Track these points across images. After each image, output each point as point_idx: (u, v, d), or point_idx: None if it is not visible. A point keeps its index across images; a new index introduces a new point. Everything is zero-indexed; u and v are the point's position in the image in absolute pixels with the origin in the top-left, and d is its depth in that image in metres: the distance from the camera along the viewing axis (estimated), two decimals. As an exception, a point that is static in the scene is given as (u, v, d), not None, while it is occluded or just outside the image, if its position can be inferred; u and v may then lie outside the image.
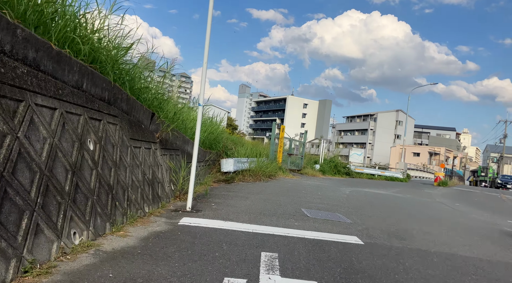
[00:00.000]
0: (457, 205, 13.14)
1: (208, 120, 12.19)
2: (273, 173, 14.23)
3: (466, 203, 14.50)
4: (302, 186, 12.68)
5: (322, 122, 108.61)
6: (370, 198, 11.33)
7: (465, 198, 17.34)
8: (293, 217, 6.03)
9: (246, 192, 8.75)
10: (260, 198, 8.01)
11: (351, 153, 27.30)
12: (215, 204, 6.46)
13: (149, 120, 6.24)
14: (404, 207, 9.95)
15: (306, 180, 16.39)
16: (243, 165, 12.00)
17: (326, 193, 11.17)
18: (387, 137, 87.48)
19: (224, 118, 43.92)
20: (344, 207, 8.08)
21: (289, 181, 13.90)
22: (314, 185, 13.89)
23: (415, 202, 11.92)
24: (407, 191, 17.37)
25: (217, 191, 8.44)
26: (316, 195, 10.14)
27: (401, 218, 7.57)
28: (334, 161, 23.72)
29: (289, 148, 19.80)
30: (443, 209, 10.58)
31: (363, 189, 15.12)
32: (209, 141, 11.53)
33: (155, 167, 6.01)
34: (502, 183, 41.66)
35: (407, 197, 13.94)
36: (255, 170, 12.46)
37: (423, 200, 13.52)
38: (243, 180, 11.63)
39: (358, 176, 25.65)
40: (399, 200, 12.03)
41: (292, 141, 19.96)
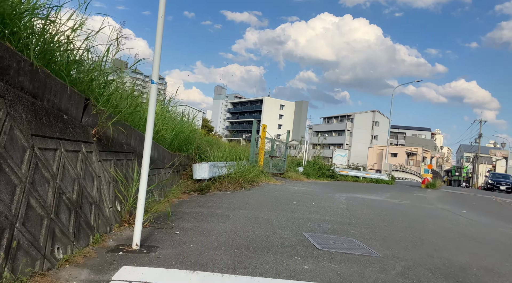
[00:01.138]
0: (463, 212, 11.53)
1: (177, 117, 10.11)
2: (256, 178, 12.26)
3: (471, 209, 12.95)
4: (290, 194, 10.76)
5: (299, 123, 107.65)
6: (372, 208, 9.53)
7: (464, 203, 15.88)
8: (297, 251, 4.06)
9: (226, 207, 6.73)
10: (245, 216, 6.02)
11: (334, 155, 25.73)
12: (181, 232, 4.42)
13: (80, 109, 4.15)
14: (416, 220, 8.17)
15: (291, 185, 14.49)
16: (221, 171, 9.97)
17: (321, 203, 9.29)
18: (364, 137, 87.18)
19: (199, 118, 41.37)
20: (353, 225, 6.19)
21: (274, 188, 11.96)
22: (303, 192, 12.00)
23: (421, 212, 10.21)
24: (401, 196, 15.77)
25: (186, 207, 6.38)
26: (310, 206, 8.23)
27: (431, 240, 5.74)
28: (318, 163, 21.97)
29: (270, 150, 17.89)
30: (459, 220, 8.89)
31: (355, 195, 13.38)
32: (179, 142, 9.44)
33: (86, 180, 3.92)
34: (494, 184, 32.83)
35: (406, 204, 12.26)
36: (235, 176, 10.45)
37: (425, 207, 11.87)
38: (221, 188, 9.59)
39: (343, 178, 24.02)
40: (403, 208, 10.30)
41: (274, 142, 18.06)
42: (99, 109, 4.45)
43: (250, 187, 11.04)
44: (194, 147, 10.23)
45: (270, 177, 15.08)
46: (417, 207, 11.40)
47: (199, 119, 31.93)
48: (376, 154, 78.59)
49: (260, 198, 8.89)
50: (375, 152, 79.28)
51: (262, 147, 16.34)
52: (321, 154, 24.82)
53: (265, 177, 14.66)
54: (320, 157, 23.21)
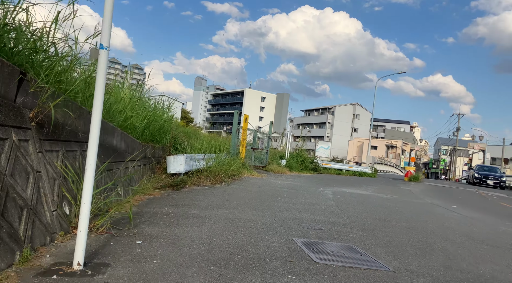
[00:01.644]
0: (455, 207, 11.01)
1: (149, 103, 9.14)
2: (237, 172, 11.42)
3: (461, 204, 12.47)
4: (274, 188, 9.97)
5: (280, 115, 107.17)
6: (362, 204, 8.84)
7: (451, 197, 15.48)
8: (289, 266, 3.25)
9: (203, 206, 5.86)
10: (225, 216, 5.17)
11: (317, 147, 25.12)
12: (145, 241, 3.54)
13: (12, 85, 3.19)
14: (413, 218, 7.50)
15: (275, 179, 13.72)
16: (198, 164, 9.07)
17: (308, 198, 8.53)
18: (345, 130, 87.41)
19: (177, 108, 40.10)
20: (348, 226, 5.43)
21: (256, 182, 11.16)
22: (287, 186, 11.24)
23: (413, 208, 9.59)
24: (386, 190, 15.23)
25: (157, 206, 5.48)
26: (298, 203, 7.45)
27: (439, 245, 5.04)
28: (301, 155, 21.29)
29: (252, 142, 17.06)
30: (455, 218, 8.28)
31: (342, 189, 12.72)
32: (152, 132, 8.50)
33: (16, 177, 2.99)
34: (481, 178, 27.98)
35: (395, 199, 11.66)
36: (214, 170, 9.58)
37: (415, 202, 11.29)
38: (199, 183, 8.72)
39: (326, 171, 23.47)
40: (394, 204, 9.65)
41: (256, 133, 17.24)
42: (39, 86, 3.49)
43: (231, 181, 10.20)
44: (169, 137, 9.28)
45: (252, 170, 14.28)
46: (407, 202, 10.79)
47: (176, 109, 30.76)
48: (356, 146, 78.95)
49: (242, 194, 8.06)
50: (356, 144, 79.63)
51: (244, 138, 15.50)
52: (304, 147, 24.17)
53: (247, 171, 13.85)
54: (303, 149, 22.55)
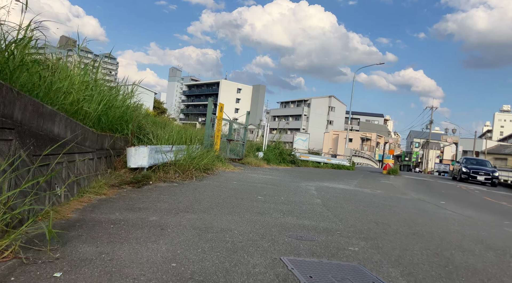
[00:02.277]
0: (443, 204, 10.35)
1: (109, 89, 7.91)
2: (210, 165, 10.32)
3: (449, 200, 11.86)
4: (252, 184, 8.94)
5: (256, 107, 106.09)
6: (350, 202, 7.95)
7: (435, 192, 14.92)
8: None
9: (165, 209, 4.76)
10: (191, 225, 4.10)
11: (295, 139, 24.24)
12: (68, 271, 2.43)
13: None
14: (412, 220, 6.63)
15: (252, 172, 12.70)
16: (165, 157, 7.91)
17: (291, 196, 7.55)
18: (320, 122, 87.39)
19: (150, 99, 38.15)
20: (345, 235, 4.48)
21: (232, 177, 10.10)
22: (266, 181, 10.24)
23: (404, 205, 8.78)
24: (368, 184, 14.51)
25: (105, 210, 4.34)
26: (280, 203, 6.45)
27: (460, 259, 4.15)
28: (279, 148, 20.34)
29: (228, 133, 15.96)
30: (454, 218, 7.51)
31: (324, 184, 11.86)
32: (110, 119, 7.28)
33: None
34: (469, 173, 23.03)
35: (381, 194, 10.88)
36: (184, 163, 8.45)
37: (402, 198, 10.54)
38: (166, 179, 7.58)
39: (304, 164, 22.67)
40: (383, 202, 8.82)
41: (232, 124, 16.13)
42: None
43: (203, 176, 9.10)
44: (132, 127, 8.06)
45: (227, 164, 13.20)
46: (395, 199, 10.01)
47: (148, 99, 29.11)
48: (332, 139, 79.07)
49: (215, 191, 6.99)
50: (331, 137, 79.75)
51: (219, 129, 14.38)
52: (281, 139, 23.25)
53: (222, 164, 12.77)
54: (281, 141, 21.62)
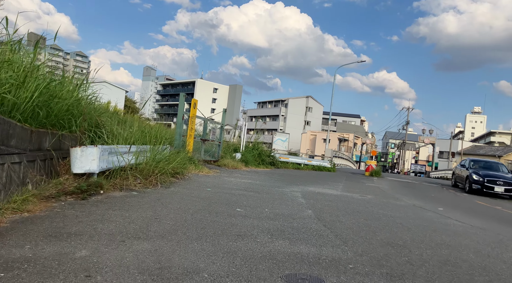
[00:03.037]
0: (441, 210, 9.33)
1: (49, 72, 6.42)
2: (181, 168, 8.91)
3: (443, 205, 10.89)
4: (229, 191, 7.60)
5: (233, 107, 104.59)
6: (346, 213, 6.75)
7: (426, 196, 14.00)
8: None
9: (107, 234, 3.37)
10: (138, 264, 2.74)
11: (274, 139, 23.05)
12: None
13: None
14: (429, 237, 5.47)
15: (229, 176, 11.36)
16: (122, 159, 6.47)
17: (276, 207, 6.27)
18: (298, 123, 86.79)
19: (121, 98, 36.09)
20: (361, 269, 3.23)
21: (206, 182, 8.73)
22: (245, 186, 8.92)
23: (404, 214, 7.66)
24: (355, 188, 13.44)
25: (13, 238, 2.92)
26: (265, 218, 5.16)
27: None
28: (257, 148, 19.07)
29: (203, 132, 14.56)
30: (467, 232, 6.42)
31: (309, 188, 10.69)
32: (54, 113, 5.80)
33: None
34: (484, 183, 15.80)
35: (372, 200, 9.79)
36: (148, 167, 7.04)
37: (398, 205, 9.46)
38: (123, 186, 6.15)
39: (284, 165, 21.47)
40: (379, 209, 7.68)
41: (207, 122, 14.74)
42: None
43: (171, 182, 7.71)
44: (81, 122, 6.56)
45: (201, 166, 11.81)
46: (391, 206, 8.89)
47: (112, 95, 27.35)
48: (309, 139, 78.54)
49: (183, 203, 5.62)
50: (308, 137, 79.22)
51: (192, 128, 12.97)
52: (259, 139, 21.98)
53: (195, 167, 11.38)
54: (260, 142, 20.35)
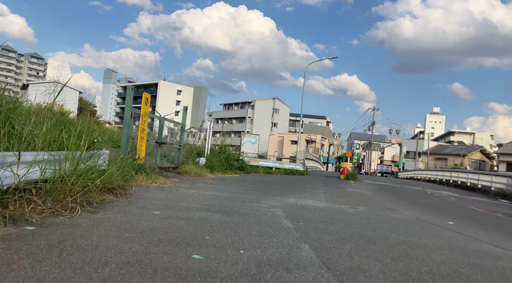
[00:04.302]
0: (450, 224, 7.60)
1: None
2: (121, 181, 6.61)
3: (448, 217, 9.18)
4: (186, 214, 5.39)
5: (198, 110, 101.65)
6: (350, 241, 4.76)
7: (416, 203, 12.36)
8: None
9: None
10: None
11: (243, 141, 20.95)
12: None
13: None
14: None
15: (190, 187, 9.12)
16: (12, 174, 4.11)
17: (255, 240, 4.16)
18: (265, 125, 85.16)
19: (73, 99, 32.39)
20: None
21: (157, 199, 6.47)
22: (210, 203, 6.73)
23: (424, 239, 5.78)
24: (338, 195, 11.62)
25: None
26: (240, 266, 3.05)
27: None
28: (225, 152, 16.87)
29: (158, 134, 12.22)
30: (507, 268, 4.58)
31: (289, 200, 8.71)
32: None
33: None
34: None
35: (366, 214, 7.92)
36: (62, 184, 4.73)
37: (399, 219, 7.63)
38: (15, 216, 3.82)
39: (254, 170, 19.42)
40: (384, 231, 5.78)
41: (164, 122, 12.40)
42: None
43: (104, 201, 5.43)
44: None
45: (155, 176, 9.50)
46: (394, 222, 7.02)
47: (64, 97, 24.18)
48: (277, 141, 77.12)
49: (100, 250, 3.37)
50: (276, 139, 77.82)
51: (144, 128, 10.63)
52: (226, 142, 19.77)
53: (147, 177, 9.08)
54: (227, 145, 18.16)
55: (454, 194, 17.06)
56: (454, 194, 17.06)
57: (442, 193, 16.90)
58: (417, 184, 24.26)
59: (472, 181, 21.82)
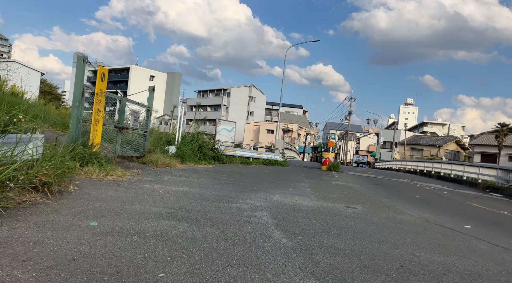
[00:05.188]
0: (468, 228, 6.34)
1: None
2: (53, 177, 4.89)
3: (461, 218, 7.94)
4: (137, 226, 3.78)
5: (171, 96, 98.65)
6: (368, 266, 3.29)
7: (411, 198, 11.16)
8: None
9: None
10: None
11: (218, 129, 19.27)
12: None
13: None
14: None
15: (154, 181, 7.47)
16: None
17: (236, 270, 2.63)
18: (241, 113, 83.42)
19: (34, 81, 29.40)
20: None
21: (104, 199, 4.81)
22: (174, 206, 5.13)
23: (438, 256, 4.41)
24: (325, 190, 10.27)
25: None
26: None
27: None
28: (198, 140, 15.16)
29: (119, 117, 10.41)
30: None
31: (273, 197, 7.27)
32: None
33: None
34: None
35: (366, 215, 6.56)
36: None
37: (409, 222, 6.28)
38: None
39: (230, 160, 17.85)
40: (409, 247, 4.39)
41: (126, 103, 10.59)
42: None
43: (27, 203, 3.76)
44: None
45: (111, 167, 7.78)
46: (405, 227, 5.67)
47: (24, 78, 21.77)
48: (253, 130, 75.68)
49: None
50: (252, 128, 76.38)
51: (100, 110, 8.85)
52: (200, 129, 18.04)
53: (100, 167, 7.37)
54: (200, 132, 16.44)
55: (443, 187, 16.07)
56: (443, 187, 16.07)
57: (431, 186, 15.87)
58: (399, 175, 23.34)
59: (457, 173, 21.03)
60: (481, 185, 17.59)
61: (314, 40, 23.81)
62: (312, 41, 23.38)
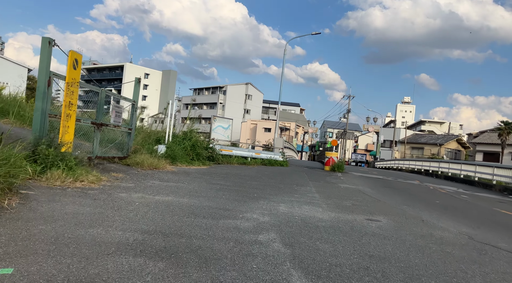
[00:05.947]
0: None
1: None
2: (7, 183, 3.51)
3: (502, 231, 6.64)
4: (78, 272, 2.44)
5: (166, 95, 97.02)
6: None
7: (431, 204, 9.85)
8: None
9: None
10: None
11: (214, 126, 17.92)
12: None
13: None
14: None
15: (133, 189, 6.09)
16: None
17: None
18: (237, 111, 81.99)
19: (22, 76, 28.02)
20: None
21: (49, 220, 3.41)
22: (150, 225, 3.75)
23: None
24: (337, 196, 8.95)
25: None
26: None
27: None
28: (191, 138, 13.76)
29: (97, 112, 8.98)
30: None
31: (278, 207, 5.95)
32: None
33: None
34: None
35: (395, 232, 5.26)
36: None
37: (458, 244, 4.96)
38: None
39: (226, 160, 16.48)
40: (448, 273, 3.04)
41: (104, 94, 9.17)
42: None
43: None
44: None
45: (82, 170, 6.41)
46: (461, 255, 4.38)
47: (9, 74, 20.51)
48: (249, 129, 74.35)
49: None
50: (249, 127, 75.04)
51: (72, 102, 7.43)
52: (194, 127, 16.64)
53: (68, 172, 6.01)
54: (193, 130, 15.03)
55: (458, 189, 14.79)
56: (458, 189, 14.79)
57: (445, 188, 14.57)
58: (406, 176, 22.05)
59: (469, 173, 19.75)
60: (496, 187, 16.33)
61: (315, 32, 22.51)
62: (313, 33, 22.09)
